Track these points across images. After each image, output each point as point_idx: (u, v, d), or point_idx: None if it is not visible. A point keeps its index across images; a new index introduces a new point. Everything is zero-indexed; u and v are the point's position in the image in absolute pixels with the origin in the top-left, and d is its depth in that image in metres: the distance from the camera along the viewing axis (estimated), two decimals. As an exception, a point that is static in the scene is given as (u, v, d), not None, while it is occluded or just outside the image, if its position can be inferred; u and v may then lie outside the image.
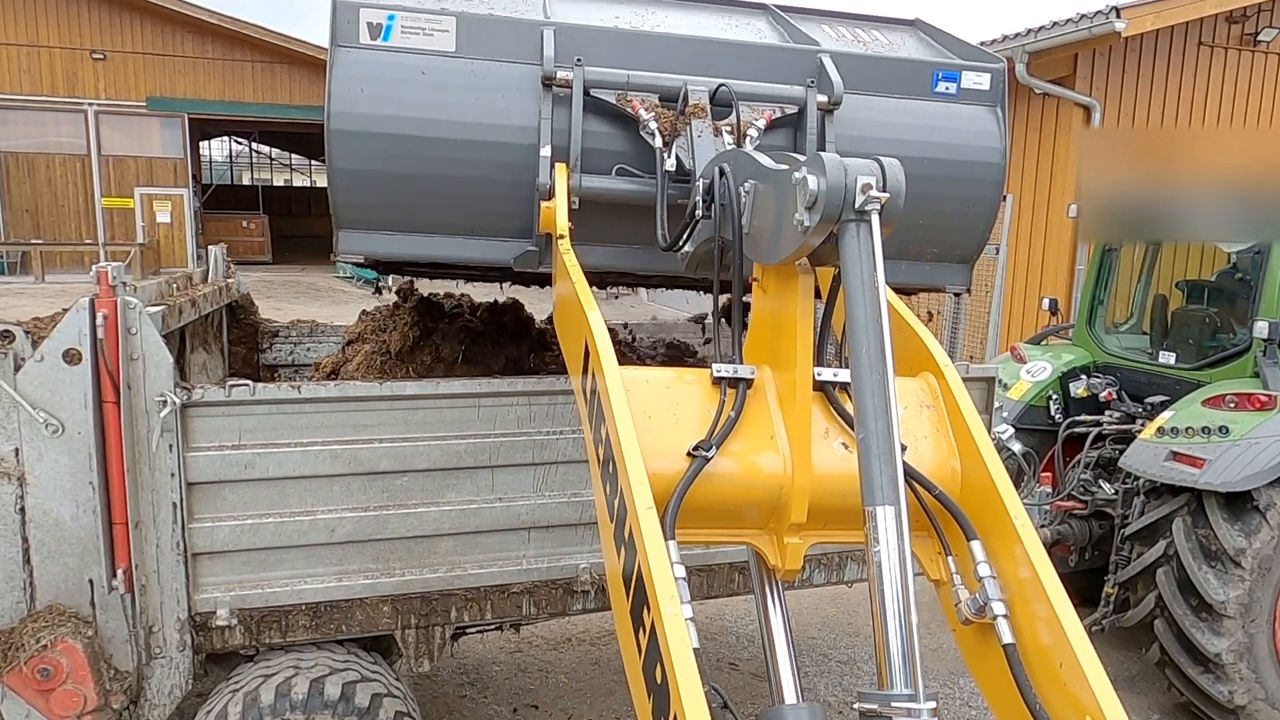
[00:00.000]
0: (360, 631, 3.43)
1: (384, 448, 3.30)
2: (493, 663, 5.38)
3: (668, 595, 1.66)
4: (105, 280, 2.98)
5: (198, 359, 4.44)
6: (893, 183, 1.89)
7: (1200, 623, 4.60)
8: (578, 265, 2.63)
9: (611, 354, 2.15)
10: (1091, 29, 9.79)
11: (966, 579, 2.01)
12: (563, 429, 3.50)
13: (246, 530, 3.21)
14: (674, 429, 2.11)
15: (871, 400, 1.81)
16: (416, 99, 3.19)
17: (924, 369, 2.36)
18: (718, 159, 2.65)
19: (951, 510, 2.07)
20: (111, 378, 2.96)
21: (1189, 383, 5.56)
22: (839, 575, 4.12)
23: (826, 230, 1.92)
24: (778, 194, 2.10)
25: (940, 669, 5.56)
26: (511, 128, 3.24)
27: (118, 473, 3.00)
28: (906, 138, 3.51)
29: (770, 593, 2.26)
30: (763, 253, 2.22)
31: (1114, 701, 1.66)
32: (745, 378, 2.20)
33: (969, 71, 3.65)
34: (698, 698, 1.51)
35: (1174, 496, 4.87)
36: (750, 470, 2.11)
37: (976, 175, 3.61)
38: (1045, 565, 1.88)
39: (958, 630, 2.06)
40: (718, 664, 5.48)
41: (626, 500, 1.87)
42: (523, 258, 3.35)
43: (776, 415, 2.16)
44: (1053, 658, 1.79)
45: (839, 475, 2.09)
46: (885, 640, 1.70)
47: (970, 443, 2.15)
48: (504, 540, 3.52)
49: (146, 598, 3.11)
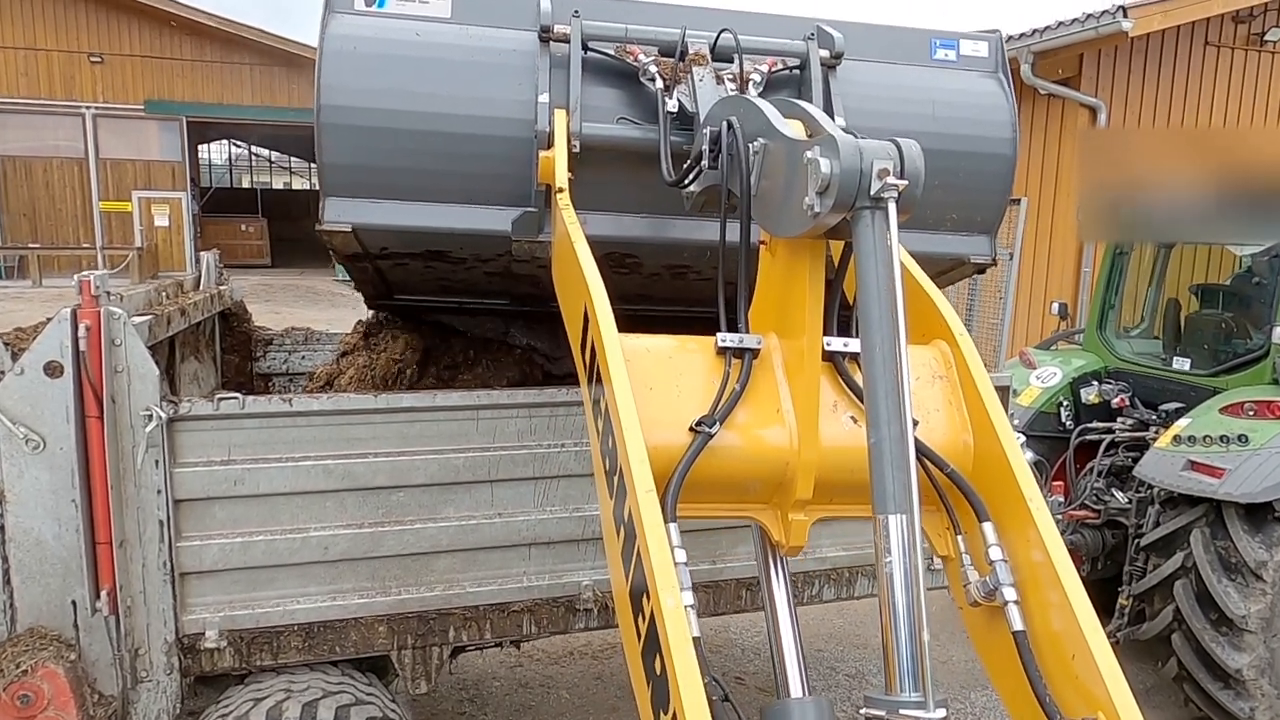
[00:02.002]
0: (355, 652, 3.33)
1: (379, 462, 3.20)
2: (493, 678, 5.27)
3: (668, 585, 1.61)
4: (88, 290, 2.87)
5: (189, 369, 4.32)
6: (911, 168, 1.79)
7: (1220, 637, 4.49)
8: (577, 223, 2.47)
9: (611, 321, 2.04)
10: (1098, 29, 9.68)
11: (976, 560, 1.96)
12: (565, 442, 3.39)
13: (236, 549, 3.11)
14: (676, 401, 2.02)
15: (885, 403, 1.73)
16: (411, 60, 3.10)
17: (937, 336, 2.26)
18: (722, 104, 2.57)
19: (963, 489, 2.00)
20: (95, 391, 2.86)
21: (1205, 389, 5.45)
22: (849, 591, 4.01)
23: (839, 218, 1.83)
24: (788, 164, 1.99)
25: (951, 681, 5.45)
26: (507, 99, 3.11)
27: (101, 490, 2.91)
28: (911, 97, 3.45)
29: (774, 570, 2.18)
30: (771, 222, 2.11)
31: (1127, 697, 1.60)
32: (751, 348, 2.11)
33: (966, 40, 3.63)
34: (697, 692, 1.47)
35: (1191, 507, 4.76)
36: (755, 445, 2.03)
37: (986, 135, 3.52)
38: (1059, 549, 1.81)
39: (965, 610, 2.01)
40: (723, 676, 5.36)
41: (626, 480, 1.80)
42: (521, 222, 3.17)
43: (783, 387, 2.09)
44: (1065, 648, 1.74)
45: (847, 449, 2.01)
46: (894, 643, 1.65)
47: (984, 416, 2.07)
48: (504, 557, 3.42)
49: (132, 619, 3.02)
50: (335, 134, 3.06)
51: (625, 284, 3.70)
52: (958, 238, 3.62)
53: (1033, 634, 1.80)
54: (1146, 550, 5.02)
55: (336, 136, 3.07)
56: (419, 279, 3.87)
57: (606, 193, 3.15)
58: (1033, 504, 1.87)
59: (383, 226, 3.18)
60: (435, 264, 3.62)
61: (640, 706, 1.73)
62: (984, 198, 3.59)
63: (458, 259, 3.56)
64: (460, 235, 3.26)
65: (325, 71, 3.03)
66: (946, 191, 3.40)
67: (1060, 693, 1.73)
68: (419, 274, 3.79)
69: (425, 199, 3.17)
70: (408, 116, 3.07)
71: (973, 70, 3.61)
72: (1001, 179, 3.58)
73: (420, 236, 3.30)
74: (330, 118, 3.04)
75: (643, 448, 1.79)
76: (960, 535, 2.01)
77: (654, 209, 3.18)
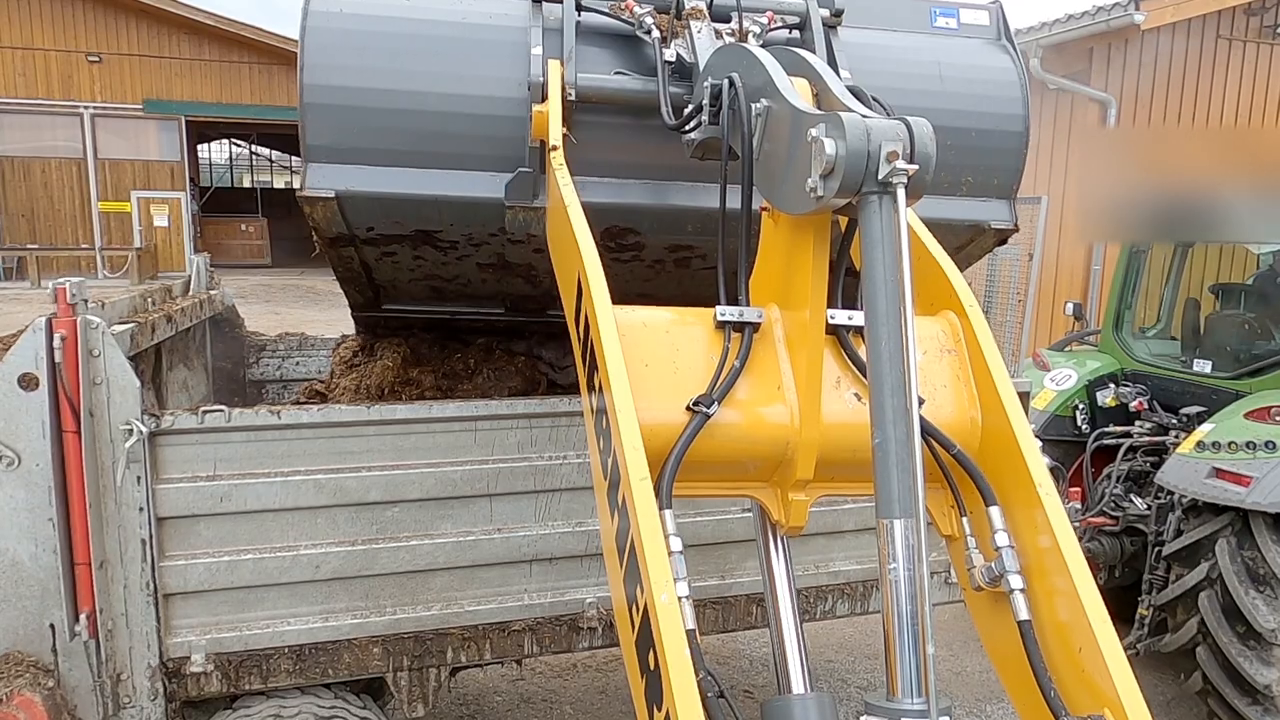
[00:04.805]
0: (348, 674, 3.21)
1: (373, 476, 3.08)
2: (494, 693, 5.12)
3: (661, 580, 1.55)
4: (64, 298, 2.74)
5: (178, 377, 4.18)
6: (921, 151, 1.68)
7: (1248, 651, 4.33)
8: (571, 185, 2.34)
9: (604, 290, 1.93)
10: (1109, 22, 9.53)
11: (981, 543, 1.90)
12: (566, 454, 3.26)
13: (223, 568, 2.99)
14: (673, 378, 1.94)
15: (891, 400, 1.65)
16: (398, 20, 2.96)
17: (945, 306, 2.14)
18: (721, 53, 2.48)
19: (970, 472, 1.93)
20: (71, 405, 2.74)
21: (1227, 393, 5.29)
22: (863, 606, 3.87)
23: (844, 202, 1.73)
24: (792, 134, 1.87)
25: (966, 694, 5.30)
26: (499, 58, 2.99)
27: (80, 508, 2.79)
28: (917, 59, 3.38)
29: (774, 547, 2.10)
30: (774, 194, 2.00)
31: (1136, 694, 1.55)
32: (751, 322, 2.01)
33: (966, 9, 3.57)
34: (690, 689, 1.44)
35: (1216, 515, 4.60)
36: (755, 424, 1.94)
37: (996, 95, 3.43)
38: (1067, 535, 1.74)
39: (968, 594, 1.96)
40: (730, 689, 5.21)
41: (620, 466, 1.71)
42: (515, 184, 2.99)
43: (785, 362, 2.00)
44: (1072, 639, 1.69)
45: (849, 425, 1.94)
46: (897, 649, 1.60)
47: (993, 392, 1.98)
48: (503, 574, 3.30)
49: (113, 643, 2.90)
50: (317, 94, 2.91)
51: (627, 277, 3.57)
52: (975, 202, 3.49)
53: (1039, 623, 1.75)
54: (1168, 559, 4.87)
55: (318, 97, 2.91)
56: (408, 278, 3.69)
57: (604, 155, 3.02)
58: (1043, 491, 1.80)
59: (369, 194, 2.99)
60: (424, 252, 3.43)
61: (635, 701, 1.68)
62: (1000, 160, 3.48)
63: (449, 243, 3.37)
64: (451, 205, 3.07)
65: (309, 30, 2.90)
66: (960, 154, 3.29)
67: (1066, 686, 1.67)
68: (408, 270, 3.61)
69: (413, 164, 3.00)
70: (394, 76, 2.92)
71: (976, 38, 3.55)
72: (1016, 138, 3.47)
73: (408, 207, 3.10)
74: (312, 78, 2.89)
75: (637, 431, 1.71)
76: (966, 517, 1.95)
77: (653, 174, 3.05)
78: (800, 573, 3.56)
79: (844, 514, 3.68)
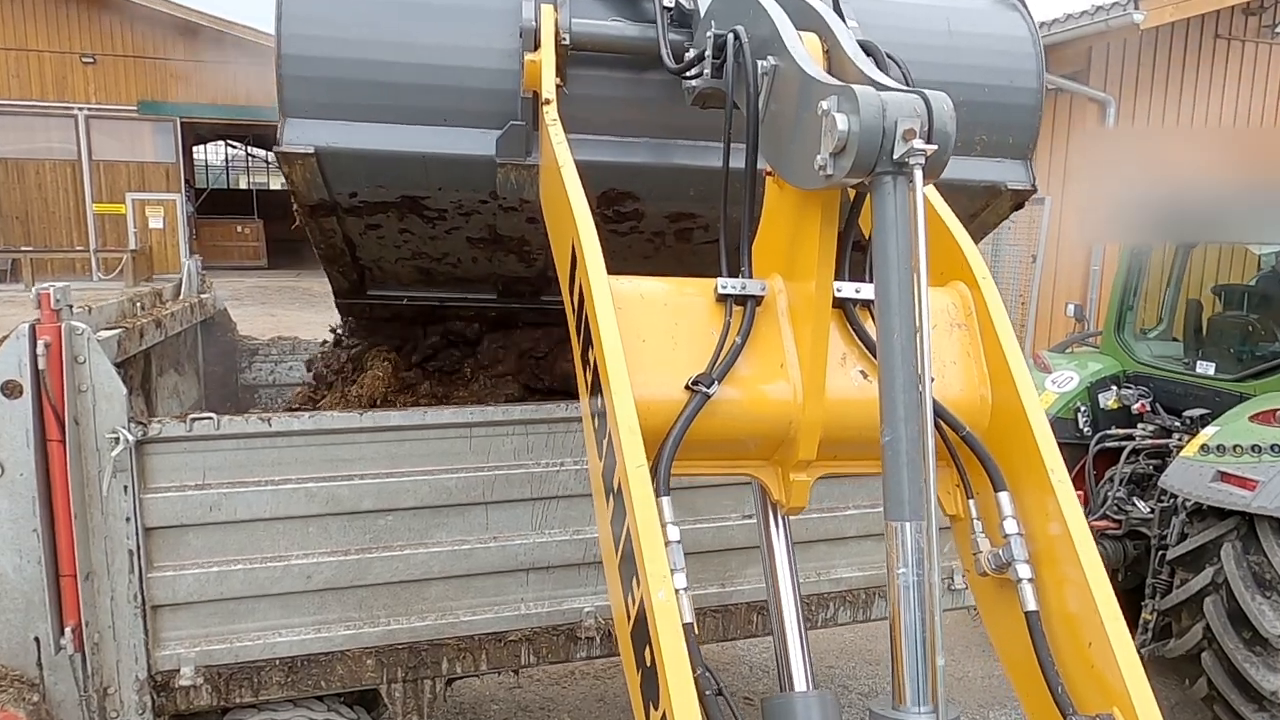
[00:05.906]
0: (342, 686, 3.16)
1: (366, 484, 3.02)
2: (491, 701, 5.06)
3: (658, 575, 1.50)
4: (47, 303, 2.68)
5: (168, 382, 4.11)
6: (940, 129, 1.58)
7: (1254, 657, 4.27)
8: (565, 142, 2.21)
9: (598, 257, 1.84)
10: (1109, 21, 9.47)
11: (989, 527, 1.85)
12: (564, 460, 3.20)
13: (213, 579, 2.93)
14: (671, 354, 1.87)
15: (903, 396, 1.58)
16: None
17: (956, 277, 2.06)
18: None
19: (980, 455, 1.87)
20: (56, 413, 2.68)
21: (1230, 395, 5.24)
22: (865, 613, 3.81)
23: (855, 181, 1.63)
24: (800, 100, 1.76)
25: (969, 699, 5.24)
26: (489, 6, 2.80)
27: (65, 519, 2.74)
28: (928, 14, 3.23)
29: (775, 528, 2.03)
30: (780, 164, 1.89)
31: (1147, 692, 1.52)
32: (754, 294, 1.93)
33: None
34: (687, 687, 1.40)
35: (1221, 520, 4.54)
36: (756, 402, 1.88)
37: (1008, 49, 3.31)
38: (1079, 522, 1.69)
39: (972, 578, 1.91)
40: (732, 697, 5.14)
41: (615, 451, 1.64)
42: (507, 138, 2.81)
43: (788, 337, 1.93)
44: (1081, 633, 1.64)
45: (854, 402, 1.89)
46: (904, 655, 1.54)
47: (1004, 368, 1.92)
48: (500, 583, 3.24)
49: (100, 657, 2.85)
50: (294, 45, 2.73)
51: (625, 253, 3.45)
52: (990, 162, 3.36)
53: (1047, 614, 1.69)
54: (1172, 564, 4.81)
55: (295, 47, 2.74)
56: (394, 256, 3.52)
57: (601, 112, 2.87)
58: (1054, 474, 1.75)
59: (350, 150, 2.80)
60: (411, 224, 3.25)
61: (631, 696, 1.63)
62: (1014, 117, 3.35)
63: (437, 213, 3.18)
64: (439, 163, 2.89)
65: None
66: (972, 110, 3.11)
67: (1073, 680, 1.62)
68: (394, 246, 3.42)
69: (398, 119, 2.81)
70: (376, 24, 2.74)
71: None
72: (1031, 94, 3.35)
73: (394, 166, 2.91)
74: (289, 28, 2.71)
75: (633, 410, 1.64)
76: (973, 500, 1.90)
77: (652, 132, 2.91)
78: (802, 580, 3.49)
79: (846, 520, 3.62)
